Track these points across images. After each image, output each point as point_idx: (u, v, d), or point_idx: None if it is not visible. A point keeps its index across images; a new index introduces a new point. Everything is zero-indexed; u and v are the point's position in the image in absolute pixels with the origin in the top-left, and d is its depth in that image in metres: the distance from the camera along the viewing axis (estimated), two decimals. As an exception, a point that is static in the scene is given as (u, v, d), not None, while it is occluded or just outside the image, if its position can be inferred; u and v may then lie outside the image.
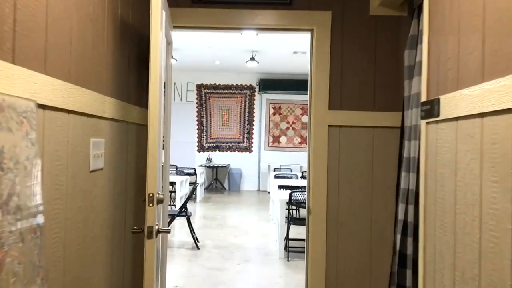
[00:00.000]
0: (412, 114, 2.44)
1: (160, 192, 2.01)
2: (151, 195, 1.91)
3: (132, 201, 2.56)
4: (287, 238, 5.49)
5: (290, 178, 9.41)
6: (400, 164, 2.53)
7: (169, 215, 5.72)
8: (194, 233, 5.93)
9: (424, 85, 1.88)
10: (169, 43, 2.66)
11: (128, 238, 2.48)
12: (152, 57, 1.94)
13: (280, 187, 7.98)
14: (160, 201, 1.96)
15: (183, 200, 6.62)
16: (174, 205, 8.43)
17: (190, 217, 5.92)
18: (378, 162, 2.69)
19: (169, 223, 5.71)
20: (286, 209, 5.41)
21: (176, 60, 10.78)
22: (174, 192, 7.98)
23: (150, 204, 1.91)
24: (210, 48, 10.24)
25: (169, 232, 2.22)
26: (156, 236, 1.98)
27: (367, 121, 2.69)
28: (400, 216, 2.42)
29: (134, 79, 2.58)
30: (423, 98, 1.89)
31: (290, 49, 10.16)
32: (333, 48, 2.69)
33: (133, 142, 2.54)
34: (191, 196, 5.92)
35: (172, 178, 8.17)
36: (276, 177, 9.23)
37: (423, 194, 1.88)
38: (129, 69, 2.47)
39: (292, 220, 5.41)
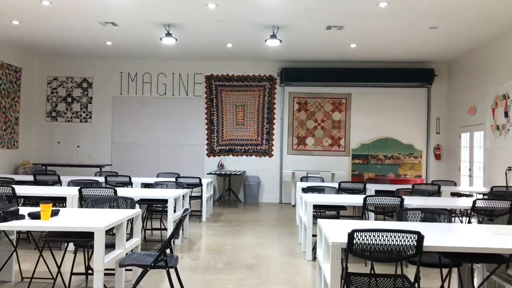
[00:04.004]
0: None
1: None
2: None
3: None
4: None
5: (323, 190, 6.98)
6: None
7: (139, 265, 3.38)
8: (183, 290, 3.58)
9: None
10: None
11: None
12: None
13: (316, 208, 5.59)
14: None
15: (183, 223, 4.31)
16: (166, 229, 6.11)
17: (177, 262, 3.57)
18: None
19: (140, 279, 3.39)
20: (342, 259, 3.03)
21: (176, 39, 8.49)
22: (165, 212, 5.67)
23: None
24: (219, 22, 7.93)
25: None
26: None
27: None
28: None
29: None
30: None
31: (322, 22, 7.78)
32: None
33: None
34: (178, 228, 3.58)
35: (165, 192, 5.86)
36: (305, 190, 6.84)
37: None
38: None
39: (352, 281, 3.02)
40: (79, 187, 5.37)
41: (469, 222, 5.76)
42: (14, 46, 10.32)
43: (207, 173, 10.41)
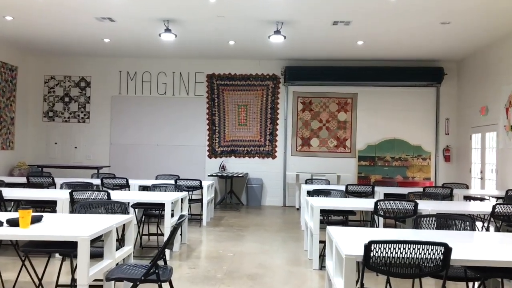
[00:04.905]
0: None
1: None
2: None
3: None
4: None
5: (329, 194, 6.61)
6: None
7: (128, 279, 3.03)
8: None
9: None
10: None
11: None
12: None
13: (323, 212, 5.22)
14: None
15: (180, 230, 3.91)
16: (163, 234, 5.77)
17: (171, 275, 3.23)
18: None
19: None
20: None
21: (176, 35, 8.16)
22: (162, 217, 5.32)
23: None
24: (221, 18, 7.59)
25: None
26: None
27: None
28: None
29: None
30: None
31: (328, 17, 7.43)
32: None
33: None
34: (172, 238, 3.24)
35: (163, 196, 5.53)
36: (311, 194, 6.48)
37: None
38: None
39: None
40: (70, 190, 5.04)
41: (487, 229, 5.39)
42: (9, 44, 10.01)
43: (208, 175, 10.07)
